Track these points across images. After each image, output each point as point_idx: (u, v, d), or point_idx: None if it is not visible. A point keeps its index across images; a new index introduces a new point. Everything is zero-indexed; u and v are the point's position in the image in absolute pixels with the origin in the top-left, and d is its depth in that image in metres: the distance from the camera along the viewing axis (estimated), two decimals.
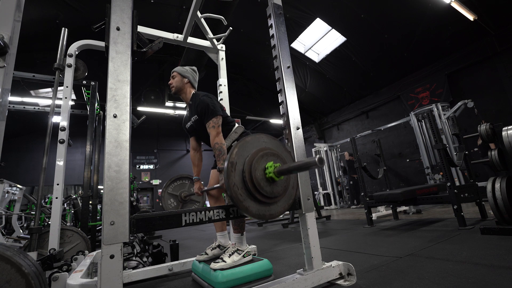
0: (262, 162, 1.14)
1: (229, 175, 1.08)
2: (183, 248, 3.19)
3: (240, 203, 1.09)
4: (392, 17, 6.53)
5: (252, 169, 1.11)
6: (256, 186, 1.11)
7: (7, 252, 0.98)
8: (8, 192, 4.17)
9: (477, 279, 1.20)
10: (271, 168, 1.13)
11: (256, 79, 10.53)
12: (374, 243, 2.33)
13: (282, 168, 1.11)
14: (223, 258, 1.57)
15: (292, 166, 1.09)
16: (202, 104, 1.78)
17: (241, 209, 1.10)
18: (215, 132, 1.73)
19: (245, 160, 1.14)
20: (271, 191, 1.14)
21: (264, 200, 1.14)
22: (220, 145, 1.70)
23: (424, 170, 6.01)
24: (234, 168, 1.11)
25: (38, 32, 6.43)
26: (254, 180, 1.10)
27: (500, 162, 2.21)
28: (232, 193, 1.08)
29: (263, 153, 1.16)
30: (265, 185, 1.13)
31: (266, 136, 1.26)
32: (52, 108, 2.31)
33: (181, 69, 1.98)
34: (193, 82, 1.99)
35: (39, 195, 2.12)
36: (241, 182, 1.11)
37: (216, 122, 1.75)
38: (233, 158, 1.11)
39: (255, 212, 1.13)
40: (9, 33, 1.11)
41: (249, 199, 1.12)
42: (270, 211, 1.18)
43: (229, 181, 1.08)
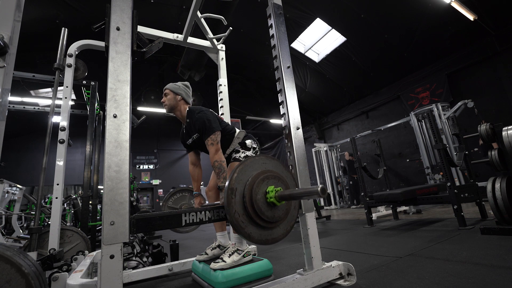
0: (262, 186, 1.12)
1: (229, 203, 1.06)
2: (183, 248, 3.19)
3: (241, 230, 1.08)
4: (392, 17, 6.53)
5: (252, 194, 1.09)
6: (257, 211, 1.09)
7: (7, 252, 0.98)
8: (8, 192, 4.17)
9: (477, 279, 1.20)
10: (272, 193, 1.11)
11: (256, 79, 10.53)
12: (374, 243, 2.33)
13: (283, 194, 1.10)
14: (223, 258, 1.57)
15: (293, 193, 1.07)
16: (199, 122, 1.78)
17: (243, 235, 1.09)
18: (214, 149, 1.74)
19: (245, 185, 1.11)
20: (272, 215, 1.12)
21: (266, 225, 1.13)
22: (219, 163, 1.71)
23: (424, 170, 6.01)
24: (234, 195, 1.09)
25: (38, 32, 6.43)
26: (255, 205, 1.08)
27: (500, 162, 2.21)
28: (233, 220, 1.07)
29: (263, 177, 1.14)
30: (266, 210, 1.11)
31: (266, 157, 1.24)
32: (52, 108, 2.31)
33: (173, 86, 1.95)
34: (186, 98, 1.96)
35: (39, 195, 2.12)
36: (242, 208, 1.09)
37: (215, 139, 1.75)
38: (232, 184, 1.09)
39: (257, 238, 1.11)
40: (9, 33, 1.11)
41: (250, 226, 1.10)
42: (272, 235, 1.16)
43: (229, 209, 1.06)
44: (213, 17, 2.35)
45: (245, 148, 1.91)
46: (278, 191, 1.12)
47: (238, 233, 1.10)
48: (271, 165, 1.23)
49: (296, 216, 1.29)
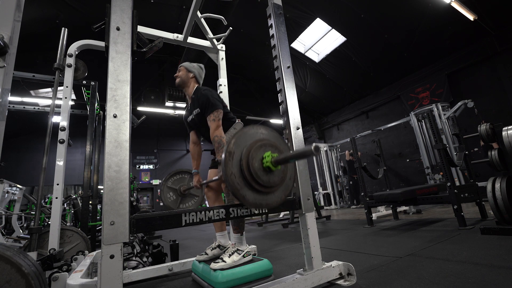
0: (260, 152, 1.16)
1: (226, 164, 1.09)
2: (183, 248, 3.19)
3: (237, 192, 1.10)
4: (392, 17, 6.53)
5: (249, 159, 1.12)
6: (253, 175, 1.11)
7: (7, 252, 0.98)
8: (8, 192, 4.17)
9: (477, 279, 1.20)
10: (268, 158, 1.14)
11: (256, 79, 10.53)
12: (374, 243, 2.33)
13: (279, 157, 1.12)
14: (223, 258, 1.57)
15: (289, 155, 1.10)
16: (204, 98, 1.82)
17: (238, 197, 1.11)
18: (215, 125, 1.75)
19: (242, 150, 1.15)
20: (267, 180, 1.15)
21: (261, 189, 1.15)
22: (219, 137, 1.73)
23: (424, 170, 6.01)
24: (232, 158, 1.12)
25: (38, 32, 6.43)
26: (251, 169, 1.11)
27: (500, 162, 2.21)
28: (229, 181, 1.09)
29: (261, 144, 1.17)
30: (262, 174, 1.14)
31: (265, 127, 1.27)
32: (52, 108, 2.31)
33: (188, 64, 2.04)
34: (198, 77, 2.04)
35: (39, 195, 2.12)
36: (238, 171, 1.12)
37: (217, 116, 1.77)
38: (231, 148, 1.13)
39: (251, 201, 1.13)
40: (9, 33, 1.11)
41: (246, 188, 1.13)
42: (267, 200, 1.18)
43: (226, 170, 1.09)
44: (213, 17, 2.35)
45: None
46: (273, 156, 1.15)
47: (234, 195, 1.12)
48: (269, 135, 1.27)
49: (292, 186, 1.31)
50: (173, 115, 10.26)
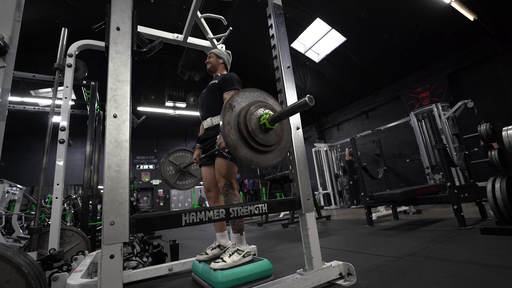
0: (259, 111, 1.21)
1: (225, 114, 1.14)
2: (183, 248, 3.19)
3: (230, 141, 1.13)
4: (392, 17, 6.53)
5: (247, 114, 1.17)
6: (249, 129, 1.15)
7: (7, 252, 0.98)
8: (8, 192, 4.17)
9: (477, 279, 1.20)
10: (266, 115, 1.19)
11: (256, 79, 10.53)
12: (374, 243, 2.33)
13: (274, 115, 1.18)
14: (223, 258, 1.57)
15: (283, 110, 1.15)
16: (229, 75, 1.91)
17: (231, 148, 1.13)
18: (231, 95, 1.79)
19: (243, 106, 1.21)
20: (262, 138, 1.20)
21: (256, 146, 1.18)
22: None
23: (424, 170, 6.01)
24: (232, 110, 1.17)
25: (38, 32, 6.43)
26: (248, 123, 1.15)
27: (500, 162, 2.21)
28: (224, 129, 1.13)
29: (261, 104, 1.23)
30: (258, 131, 1.18)
31: (268, 94, 1.34)
32: (52, 108, 2.31)
33: (217, 51, 2.14)
34: (227, 63, 2.14)
35: (39, 195, 2.12)
36: (235, 122, 1.17)
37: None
38: (232, 101, 1.19)
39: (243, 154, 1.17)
40: (9, 33, 1.11)
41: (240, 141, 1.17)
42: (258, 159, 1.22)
43: (223, 119, 1.13)
44: (213, 17, 2.35)
45: None
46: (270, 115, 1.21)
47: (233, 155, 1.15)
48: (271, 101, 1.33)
49: (285, 154, 1.34)
50: (173, 115, 10.26)
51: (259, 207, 1.29)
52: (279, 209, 1.39)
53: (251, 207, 1.27)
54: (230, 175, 1.78)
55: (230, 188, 1.76)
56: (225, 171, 1.76)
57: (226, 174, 1.77)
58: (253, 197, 12.29)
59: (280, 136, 1.27)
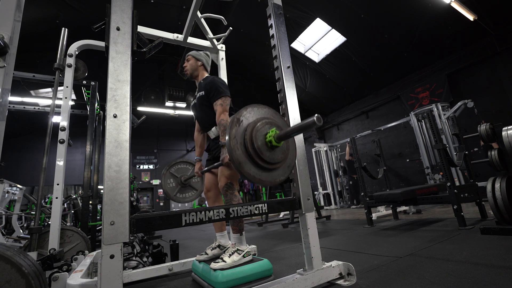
0: (265, 127, 1.18)
1: (231, 128, 1.11)
2: (183, 248, 3.19)
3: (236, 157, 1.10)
4: (392, 17, 6.53)
5: (254, 131, 1.14)
6: (255, 146, 1.12)
7: (7, 252, 0.98)
8: (8, 192, 4.17)
9: (477, 279, 1.20)
10: (272, 133, 1.17)
11: (256, 79, 10.53)
12: (374, 243, 2.33)
13: (281, 133, 1.15)
14: (223, 258, 1.57)
15: (290, 128, 1.13)
16: (212, 83, 1.84)
17: (236, 163, 1.11)
18: (222, 109, 1.75)
19: (249, 122, 1.17)
20: (267, 155, 1.17)
21: (261, 164, 1.16)
22: (226, 121, 1.72)
23: (424, 170, 6.01)
24: (238, 124, 1.14)
25: (38, 32, 6.43)
26: (254, 140, 1.12)
27: (500, 162, 2.21)
28: (230, 144, 1.10)
29: (268, 121, 1.20)
30: (264, 149, 1.15)
31: (275, 112, 1.30)
32: (52, 108, 2.31)
33: (195, 53, 2.07)
34: (206, 65, 2.07)
35: (39, 195, 2.12)
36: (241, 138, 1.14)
37: (225, 101, 1.78)
38: (240, 115, 1.16)
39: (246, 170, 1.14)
40: (9, 33, 1.11)
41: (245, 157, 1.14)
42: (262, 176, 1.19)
43: (230, 133, 1.10)
44: (213, 17, 2.35)
45: None
46: (276, 132, 1.18)
47: (239, 172, 1.13)
48: (278, 118, 1.30)
49: (290, 172, 1.31)
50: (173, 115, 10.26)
51: (259, 207, 1.29)
52: (279, 209, 1.39)
53: (251, 207, 1.27)
54: (233, 177, 1.79)
55: (230, 189, 1.76)
56: (229, 173, 1.77)
57: (229, 175, 1.77)
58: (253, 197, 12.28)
59: (286, 154, 1.23)
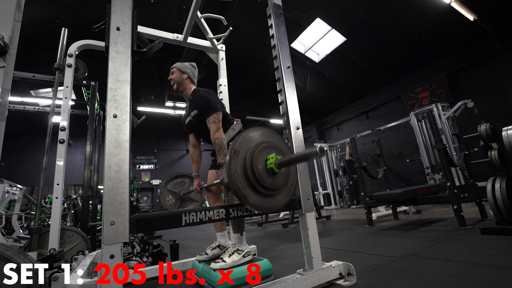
0: (264, 153, 1.15)
1: (231, 162, 1.08)
2: (183, 248, 3.19)
3: (239, 191, 1.09)
4: (392, 17, 6.53)
5: (254, 159, 1.11)
6: (257, 175, 1.10)
7: (7, 252, 0.98)
8: (8, 192, 4.17)
9: (477, 279, 1.20)
10: (272, 159, 1.14)
11: (256, 79, 10.52)
12: (374, 243, 2.33)
13: (282, 160, 1.12)
14: (223, 258, 1.57)
15: (292, 157, 1.10)
16: (203, 100, 1.79)
17: (240, 197, 1.09)
18: (215, 127, 1.73)
19: (247, 150, 1.14)
20: (270, 182, 1.14)
21: (264, 192, 1.14)
22: (220, 140, 1.70)
23: (424, 170, 6.01)
24: (237, 156, 1.11)
25: (38, 32, 6.42)
26: (255, 169, 1.10)
27: (500, 162, 2.21)
28: (232, 179, 1.08)
29: (266, 145, 1.17)
30: (265, 176, 1.13)
31: (269, 131, 1.27)
32: (52, 108, 2.31)
33: (180, 65, 1.99)
34: (192, 77, 1.99)
35: (39, 195, 2.12)
36: (242, 170, 1.11)
37: (217, 118, 1.75)
38: (236, 146, 1.13)
39: (253, 202, 1.12)
40: (9, 33, 1.11)
41: (248, 188, 1.12)
42: (268, 203, 1.17)
43: (230, 168, 1.08)
44: (213, 17, 2.35)
45: None
46: (277, 158, 1.15)
47: (235, 194, 1.11)
48: (274, 139, 1.27)
49: (293, 192, 1.30)
50: (173, 115, 10.26)
51: None
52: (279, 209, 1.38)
53: None
54: None
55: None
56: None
57: None
58: None
59: (287, 176, 1.22)
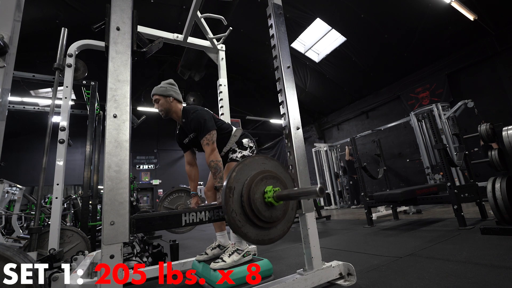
0: (261, 186, 1.12)
1: (227, 202, 1.06)
2: (183, 248, 3.18)
3: (238, 229, 1.07)
4: (392, 17, 6.52)
5: (250, 194, 1.08)
6: (255, 211, 1.08)
7: (7, 252, 0.98)
8: (8, 192, 4.17)
9: (477, 279, 1.20)
10: (270, 193, 1.11)
11: (256, 79, 10.52)
12: (374, 243, 2.33)
13: (281, 194, 1.09)
14: (223, 258, 1.57)
15: (291, 193, 1.07)
16: (194, 122, 1.77)
17: (240, 235, 1.08)
18: (209, 149, 1.72)
19: (243, 184, 1.11)
20: (270, 215, 1.11)
21: (263, 225, 1.12)
22: (215, 162, 1.69)
23: (424, 170, 6.01)
24: (232, 194, 1.08)
25: (38, 32, 6.42)
26: (252, 205, 1.08)
27: (500, 162, 2.21)
28: (230, 220, 1.06)
29: (262, 177, 1.14)
30: (264, 209, 1.10)
31: (265, 157, 1.25)
32: (52, 108, 2.31)
33: (160, 90, 1.90)
34: (177, 97, 1.92)
35: (39, 195, 2.12)
36: (239, 207, 1.09)
37: (210, 139, 1.74)
38: (231, 183, 1.08)
39: (254, 237, 1.10)
40: (9, 33, 1.11)
41: (247, 225, 1.09)
42: (269, 235, 1.15)
43: (227, 208, 1.05)
44: (213, 17, 2.35)
45: (242, 147, 1.90)
46: (276, 191, 1.11)
47: (235, 233, 1.10)
48: (270, 165, 1.23)
49: (294, 217, 1.29)
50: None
51: None
52: None
53: None
54: None
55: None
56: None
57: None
58: None
59: (286, 207, 1.19)
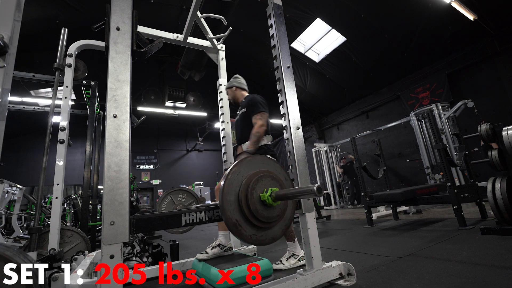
0: (258, 186, 1.11)
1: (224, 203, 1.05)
2: (183, 248, 3.18)
3: (236, 231, 1.06)
4: (392, 17, 6.52)
5: (248, 194, 1.08)
6: (253, 211, 1.07)
7: (7, 252, 0.98)
8: (8, 192, 4.17)
9: (477, 279, 1.20)
10: (268, 193, 1.10)
11: (256, 79, 10.52)
12: (374, 243, 2.33)
13: (279, 193, 1.09)
14: (282, 261, 1.74)
15: (289, 193, 1.06)
16: (252, 101, 1.97)
17: (238, 236, 1.07)
18: (261, 122, 1.86)
19: (240, 185, 1.10)
20: (267, 215, 1.11)
21: (261, 226, 1.11)
22: (260, 133, 1.83)
23: (424, 170, 6.00)
24: (229, 195, 1.08)
25: (38, 32, 6.42)
26: (250, 206, 1.07)
27: (500, 162, 2.21)
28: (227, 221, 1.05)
29: (259, 176, 1.13)
30: (262, 210, 1.10)
31: (262, 157, 1.27)
32: (52, 108, 2.31)
33: (227, 84, 2.30)
34: (239, 85, 2.24)
35: (39, 195, 2.11)
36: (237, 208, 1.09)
37: (264, 116, 1.90)
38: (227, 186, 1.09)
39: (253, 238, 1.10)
40: (9, 33, 1.11)
41: (246, 225, 1.09)
42: (267, 235, 1.15)
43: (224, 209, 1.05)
44: (213, 17, 2.35)
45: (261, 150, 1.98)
46: (274, 191, 1.11)
47: (233, 234, 1.09)
48: (267, 165, 1.23)
49: (292, 216, 1.29)
50: (173, 115, 10.25)
51: None
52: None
53: None
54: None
55: None
56: None
57: None
58: None
59: (284, 207, 1.19)
